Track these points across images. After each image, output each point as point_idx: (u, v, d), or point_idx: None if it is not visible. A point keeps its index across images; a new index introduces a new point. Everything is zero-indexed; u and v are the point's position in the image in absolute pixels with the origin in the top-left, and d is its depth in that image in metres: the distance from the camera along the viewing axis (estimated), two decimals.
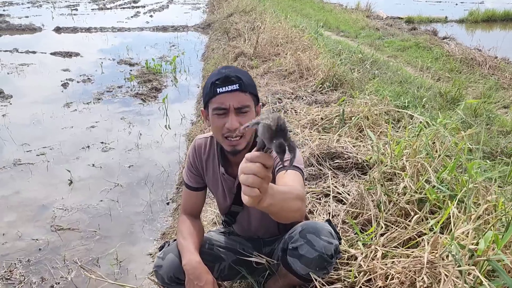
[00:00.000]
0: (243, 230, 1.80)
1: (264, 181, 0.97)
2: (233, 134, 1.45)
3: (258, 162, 0.95)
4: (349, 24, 9.90)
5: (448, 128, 2.18)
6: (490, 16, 12.87)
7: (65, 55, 8.40)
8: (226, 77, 1.44)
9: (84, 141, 4.33)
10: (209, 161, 1.68)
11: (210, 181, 1.71)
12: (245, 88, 1.46)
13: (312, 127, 2.99)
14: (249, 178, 0.95)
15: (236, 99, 1.44)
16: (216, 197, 1.77)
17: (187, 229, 1.66)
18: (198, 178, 1.72)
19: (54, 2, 20.15)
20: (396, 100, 3.80)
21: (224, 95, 1.44)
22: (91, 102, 5.55)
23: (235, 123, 1.44)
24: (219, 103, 1.45)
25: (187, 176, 1.74)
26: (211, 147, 1.68)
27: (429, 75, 5.12)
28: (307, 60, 4.38)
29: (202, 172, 1.70)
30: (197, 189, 1.73)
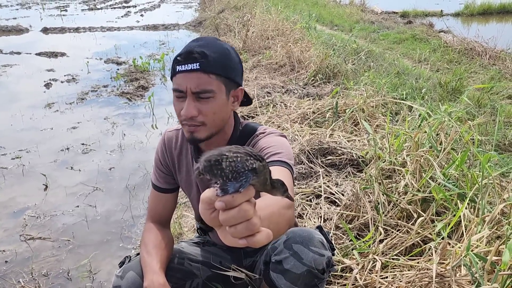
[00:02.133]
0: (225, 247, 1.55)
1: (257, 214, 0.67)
2: (189, 122, 1.22)
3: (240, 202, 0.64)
4: (343, 18, 9.67)
5: (454, 117, 1.94)
6: (486, 9, 12.71)
7: (51, 55, 8.14)
8: (188, 53, 1.19)
9: (64, 143, 4.08)
10: (182, 157, 1.44)
11: (183, 181, 1.47)
12: (209, 68, 1.18)
13: (303, 121, 2.75)
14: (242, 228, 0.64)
15: (195, 81, 1.18)
16: (190, 199, 1.53)
17: (153, 241, 1.40)
18: (168, 178, 1.48)
19: (43, 3, 19.87)
20: (393, 91, 3.56)
21: (182, 75, 1.20)
22: (74, 102, 5.29)
23: (191, 109, 1.20)
24: (177, 84, 1.22)
25: (155, 175, 1.50)
26: (184, 140, 1.44)
27: (427, 66, 4.88)
28: (299, 52, 4.14)
29: (173, 170, 1.47)
30: (166, 190, 1.49)
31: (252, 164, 0.65)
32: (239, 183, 0.63)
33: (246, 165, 0.65)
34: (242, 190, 0.63)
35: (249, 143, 1.34)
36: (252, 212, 0.65)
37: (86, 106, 5.20)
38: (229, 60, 1.24)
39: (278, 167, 1.18)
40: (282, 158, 1.21)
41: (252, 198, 0.67)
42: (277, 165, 1.19)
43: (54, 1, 21.39)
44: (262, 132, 1.34)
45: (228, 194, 0.62)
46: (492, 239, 1.31)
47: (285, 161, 1.21)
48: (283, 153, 1.23)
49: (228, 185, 0.63)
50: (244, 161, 0.65)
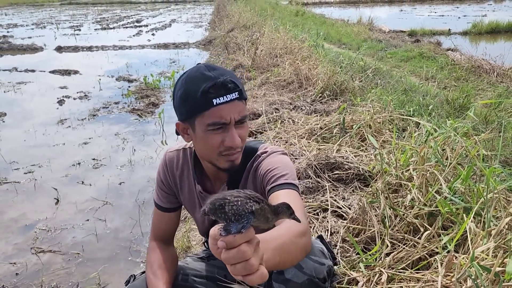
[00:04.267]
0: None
1: (257, 254, 0.73)
2: (235, 151, 1.22)
3: (239, 243, 0.70)
4: (351, 36, 9.77)
5: (460, 133, 1.96)
6: (494, 28, 12.72)
7: (64, 73, 8.33)
8: (223, 84, 1.16)
9: (75, 158, 4.15)
10: (184, 177, 1.45)
11: (186, 200, 1.48)
12: (242, 95, 1.20)
13: (310, 136, 2.78)
14: (240, 268, 0.70)
15: (237, 109, 1.18)
16: (193, 217, 1.55)
17: (158, 262, 1.42)
18: (171, 198, 1.49)
19: (58, 23, 20.41)
20: (400, 108, 3.59)
21: (223, 107, 1.16)
22: (85, 119, 5.39)
23: (239, 138, 1.20)
24: (218, 117, 1.17)
25: (157, 195, 1.51)
26: (185, 161, 1.44)
27: (434, 83, 4.91)
28: (306, 70, 4.20)
29: (175, 190, 1.48)
30: (169, 210, 1.50)
31: (251, 206, 0.71)
32: (241, 225, 0.69)
33: (246, 208, 0.71)
34: (243, 231, 0.69)
35: (252, 164, 1.34)
36: (251, 253, 0.70)
37: (98, 122, 5.28)
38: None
39: (285, 190, 1.20)
40: (288, 180, 1.22)
41: (254, 239, 0.72)
42: (284, 188, 1.20)
43: (69, 21, 21.95)
44: (264, 152, 1.34)
45: (231, 234, 0.68)
46: (498, 252, 1.31)
47: (291, 183, 1.22)
48: (288, 175, 1.24)
49: (231, 227, 0.69)
50: (244, 204, 0.71)
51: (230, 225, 0.70)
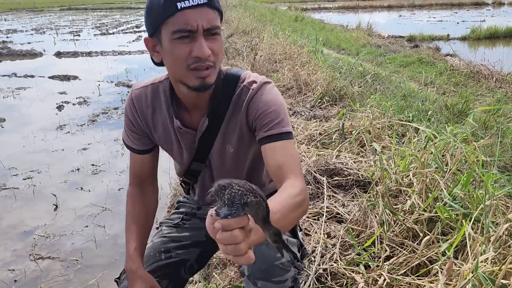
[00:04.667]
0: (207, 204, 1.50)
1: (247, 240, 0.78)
2: (204, 63, 1.10)
3: (233, 228, 0.75)
4: (350, 42, 9.80)
5: (459, 139, 1.96)
6: (492, 33, 12.77)
7: (64, 78, 8.34)
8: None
9: (74, 164, 4.14)
10: (156, 115, 1.32)
11: (162, 139, 1.36)
12: (214, 3, 1.10)
13: (309, 142, 2.78)
14: (230, 249, 0.76)
15: (206, 17, 1.08)
16: (171, 155, 1.42)
17: (132, 213, 1.41)
18: (144, 139, 1.37)
19: (57, 28, 20.44)
20: (399, 114, 3.59)
21: (189, 11, 1.06)
22: (85, 124, 5.39)
23: (207, 48, 1.08)
24: (183, 23, 1.06)
25: (127, 137, 1.38)
26: (156, 97, 1.31)
27: (433, 89, 4.92)
28: (306, 75, 4.20)
29: (148, 131, 1.35)
30: (144, 151, 1.39)
31: (247, 198, 0.74)
32: (229, 212, 0.74)
33: (242, 199, 0.74)
34: (230, 217, 0.74)
35: (240, 96, 1.24)
36: (241, 238, 0.75)
37: (97, 128, 5.28)
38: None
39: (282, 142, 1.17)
40: (285, 128, 1.19)
41: (247, 226, 0.77)
42: (281, 139, 1.17)
43: (68, 26, 22.01)
44: (252, 82, 1.24)
45: (220, 218, 0.74)
46: (499, 260, 1.31)
47: (288, 131, 1.19)
48: (284, 120, 1.20)
49: (221, 211, 0.75)
50: (243, 195, 0.74)
51: (221, 209, 0.75)
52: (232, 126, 1.27)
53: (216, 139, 1.29)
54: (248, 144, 1.29)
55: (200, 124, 1.26)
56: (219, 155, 1.32)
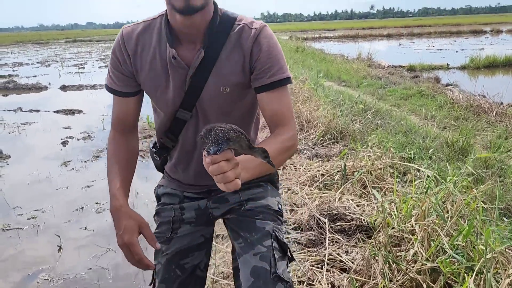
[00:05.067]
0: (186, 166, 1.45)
1: (234, 170, 0.96)
2: None
3: (219, 160, 0.93)
4: (350, 73, 9.94)
5: (459, 186, 1.98)
6: (491, 62, 12.98)
7: (68, 112, 8.46)
8: None
9: (78, 203, 4.16)
10: (145, 53, 1.31)
11: (148, 80, 1.32)
12: None
13: (312, 183, 2.81)
14: (219, 178, 0.94)
15: None
16: (155, 100, 1.37)
17: (115, 156, 1.38)
18: (129, 80, 1.34)
19: (62, 61, 20.86)
20: (401, 151, 3.63)
21: None
22: (89, 160, 5.44)
23: None
24: None
25: (111, 79, 1.36)
26: (147, 33, 1.31)
27: (434, 123, 4.97)
28: (307, 112, 4.27)
29: (134, 70, 1.33)
30: (126, 94, 1.36)
31: (228, 134, 0.92)
32: (216, 148, 0.92)
33: (225, 135, 0.92)
34: (218, 153, 0.92)
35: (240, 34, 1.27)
36: (227, 168, 0.93)
37: (101, 163, 5.33)
38: None
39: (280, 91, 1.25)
40: (285, 73, 1.26)
41: (232, 159, 0.94)
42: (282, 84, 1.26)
43: (73, 58, 22.47)
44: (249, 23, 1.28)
45: (210, 155, 0.92)
46: None
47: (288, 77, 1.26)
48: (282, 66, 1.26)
49: (210, 149, 0.92)
50: (225, 133, 0.92)
51: (210, 147, 0.93)
52: (230, 63, 1.26)
53: (209, 77, 1.26)
54: (243, 86, 1.29)
55: (194, 58, 1.25)
56: (210, 97, 1.29)
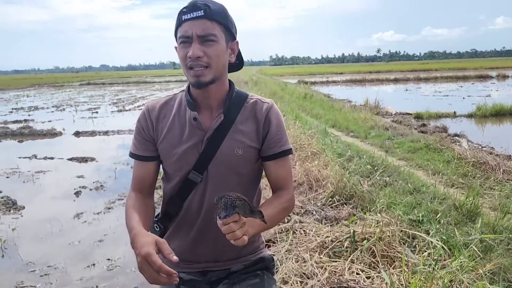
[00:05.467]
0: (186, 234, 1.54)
1: (241, 229, 1.19)
2: (195, 62, 1.34)
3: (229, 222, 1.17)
4: (358, 123, 10.10)
5: (465, 268, 2.03)
6: (498, 111, 13.07)
7: (81, 160, 8.64)
8: (193, 4, 1.34)
9: (90, 259, 4.21)
10: (166, 120, 1.49)
11: (166, 140, 1.48)
12: (212, 15, 1.34)
13: (322, 250, 2.86)
14: (230, 236, 1.18)
15: (201, 26, 1.33)
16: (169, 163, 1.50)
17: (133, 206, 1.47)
18: (148, 145, 1.50)
19: (76, 105, 21.44)
20: (409, 213, 3.68)
21: (188, 22, 1.33)
22: (101, 212, 5.53)
23: (196, 50, 1.32)
24: (184, 31, 1.34)
25: (134, 145, 1.53)
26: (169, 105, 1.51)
27: (442, 180, 5.02)
28: (316, 171, 4.37)
29: (154, 136, 1.50)
30: (146, 158, 1.51)
31: (235, 202, 1.16)
32: (226, 213, 1.16)
33: (233, 203, 1.16)
34: (228, 217, 1.16)
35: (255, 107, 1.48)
36: (236, 228, 1.17)
37: (113, 216, 5.41)
38: (227, 14, 1.40)
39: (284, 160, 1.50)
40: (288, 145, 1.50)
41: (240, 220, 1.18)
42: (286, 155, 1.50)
43: (87, 102, 23.07)
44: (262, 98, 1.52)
45: (221, 219, 1.17)
46: None
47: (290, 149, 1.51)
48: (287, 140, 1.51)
49: (221, 213, 1.17)
50: (233, 201, 1.16)
51: (221, 212, 1.17)
52: (245, 128, 1.46)
53: (225, 139, 1.43)
54: (254, 150, 1.47)
55: (213, 121, 1.44)
56: (224, 158, 1.43)
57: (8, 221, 5.31)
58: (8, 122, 14.82)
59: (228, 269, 1.57)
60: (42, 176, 7.45)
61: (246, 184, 1.50)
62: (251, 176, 1.51)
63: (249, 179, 1.51)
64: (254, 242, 1.59)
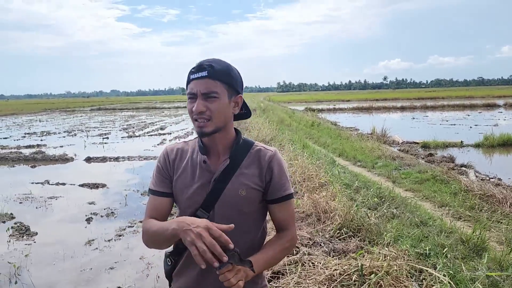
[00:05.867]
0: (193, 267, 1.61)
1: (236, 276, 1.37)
2: (199, 116, 1.51)
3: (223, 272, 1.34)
4: (365, 153, 10.19)
5: None
6: (505, 140, 13.10)
7: (93, 186, 8.78)
8: (199, 65, 1.54)
9: (102, 285, 4.30)
10: (181, 162, 1.67)
11: (180, 178, 1.65)
12: (215, 75, 1.52)
13: (330, 283, 2.93)
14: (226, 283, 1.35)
15: (204, 85, 1.51)
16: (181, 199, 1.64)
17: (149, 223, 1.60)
18: (166, 182, 1.66)
19: (87, 130, 21.78)
20: (416, 246, 3.73)
21: (195, 81, 1.52)
22: (112, 239, 5.62)
23: (199, 106, 1.51)
24: (190, 88, 1.54)
25: (153, 182, 1.69)
26: (184, 150, 1.69)
27: (448, 212, 5.07)
28: (324, 203, 4.45)
29: (171, 174, 1.67)
30: (162, 194, 1.66)
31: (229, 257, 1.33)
32: (219, 265, 1.31)
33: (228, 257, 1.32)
34: (222, 268, 1.32)
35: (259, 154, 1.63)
36: (231, 276, 1.35)
37: (123, 243, 5.50)
38: (231, 72, 1.57)
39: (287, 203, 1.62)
40: (290, 190, 1.63)
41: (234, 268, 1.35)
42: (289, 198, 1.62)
43: (98, 128, 23.43)
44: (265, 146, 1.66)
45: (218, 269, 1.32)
46: None
47: (292, 193, 1.63)
48: (289, 185, 1.63)
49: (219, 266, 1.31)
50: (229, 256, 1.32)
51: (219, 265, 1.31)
52: (249, 172, 1.59)
53: (230, 182, 1.57)
54: (257, 192, 1.60)
55: (220, 165, 1.59)
56: (229, 198, 1.57)
57: (21, 247, 5.43)
58: (21, 147, 15.11)
59: None
60: (54, 202, 7.59)
61: (250, 222, 1.64)
62: (254, 215, 1.65)
63: (253, 218, 1.63)
64: (257, 284, 1.69)
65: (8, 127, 26.09)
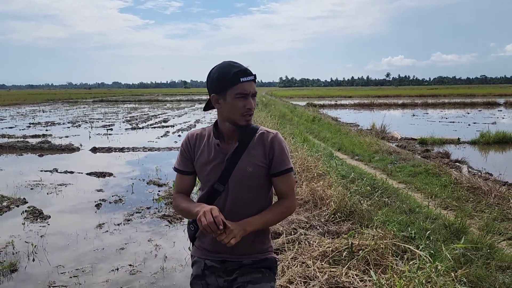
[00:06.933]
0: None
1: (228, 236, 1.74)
2: (250, 112, 1.86)
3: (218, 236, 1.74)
4: (363, 147, 10.53)
5: (441, 269, 2.44)
6: (501, 138, 13.41)
7: (100, 175, 9.13)
8: (246, 70, 1.86)
9: (114, 264, 4.64)
10: (200, 145, 2.00)
11: (200, 158, 1.99)
12: (255, 79, 1.90)
13: (323, 258, 3.28)
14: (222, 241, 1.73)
15: (253, 87, 1.88)
16: (202, 175, 2.02)
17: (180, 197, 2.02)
18: (188, 163, 2.02)
19: (91, 121, 22.11)
20: (403, 230, 4.09)
21: (247, 83, 1.85)
22: (121, 223, 5.97)
23: (254, 104, 1.88)
24: (243, 89, 1.84)
25: (178, 162, 2.05)
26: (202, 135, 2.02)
27: (437, 202, 5.41)
28: (321, 191, 4.80)
29: (193, 156, 2.01)
30: (186, 172, 2.03)
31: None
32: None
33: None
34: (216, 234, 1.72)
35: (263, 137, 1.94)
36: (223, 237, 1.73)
37: (132, 227, 5.85)
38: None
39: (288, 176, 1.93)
40: (290, 165, 1.93)
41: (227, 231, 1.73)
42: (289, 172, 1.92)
43: (101, 119, 23.76)
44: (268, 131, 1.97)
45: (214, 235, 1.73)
46: None
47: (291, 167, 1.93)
48: (289, 160, 1.94)
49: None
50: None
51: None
52: (254, 152, 1.91)
53: (239, 160, 1.90)
54: (262, 168, 1.92)
55: (231, 147, 1.92)
56: (239, 174, 1.91)
57: (36, 228, 5.79)
58: (27, 137, 15.47)
59: (240, 262, 2.04)
60: (64, 189, 7.95)
61: (257, 193, 1.97)
62: (261, 188, 1.98)
63: (259, 190, 1.97)
64: (264, 245, 2.06)
65: (12, 117, 26.47)
